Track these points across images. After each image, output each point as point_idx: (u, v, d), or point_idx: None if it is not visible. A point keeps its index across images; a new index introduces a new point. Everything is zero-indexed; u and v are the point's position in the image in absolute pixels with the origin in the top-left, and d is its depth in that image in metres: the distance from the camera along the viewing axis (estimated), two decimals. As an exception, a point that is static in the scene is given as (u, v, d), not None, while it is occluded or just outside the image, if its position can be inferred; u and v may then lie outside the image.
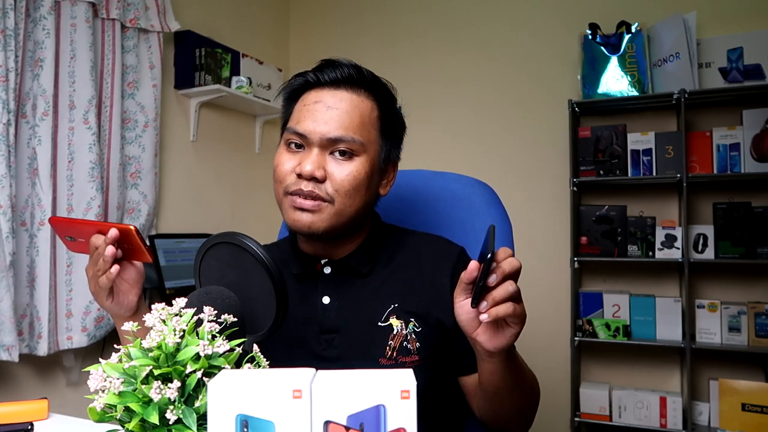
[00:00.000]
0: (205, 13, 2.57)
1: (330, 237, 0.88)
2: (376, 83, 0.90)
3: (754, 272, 2.26)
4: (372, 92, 0.89)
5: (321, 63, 0.90)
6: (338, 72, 0.87)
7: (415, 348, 0.87)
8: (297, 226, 0.85)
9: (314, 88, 0.89)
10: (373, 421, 0.45)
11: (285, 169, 0.86)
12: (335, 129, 0.84)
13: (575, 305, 2.37)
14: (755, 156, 2.15)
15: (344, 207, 0.85)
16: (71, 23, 1.89)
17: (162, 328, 0.52)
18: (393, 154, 0.94)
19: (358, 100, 0.87)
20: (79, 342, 1.89)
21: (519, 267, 0.68)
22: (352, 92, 0.87)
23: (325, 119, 0.84)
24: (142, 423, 0.49)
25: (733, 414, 2.02)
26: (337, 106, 0.85)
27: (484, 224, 1.07)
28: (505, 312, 0.67)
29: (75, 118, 1.90)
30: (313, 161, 0.83)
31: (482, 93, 2.75)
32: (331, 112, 0.85)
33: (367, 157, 0.86)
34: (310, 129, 0.85)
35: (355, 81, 0.88)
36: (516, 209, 1.38)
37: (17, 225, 1.74)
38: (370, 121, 0.88)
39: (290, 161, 0.86)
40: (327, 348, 0.89)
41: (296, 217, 0.85)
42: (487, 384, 0.81)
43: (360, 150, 0.86)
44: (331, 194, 0.84)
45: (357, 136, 0.85)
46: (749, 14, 2.30)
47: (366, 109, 0.87)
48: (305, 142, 0.85)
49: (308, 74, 0.90)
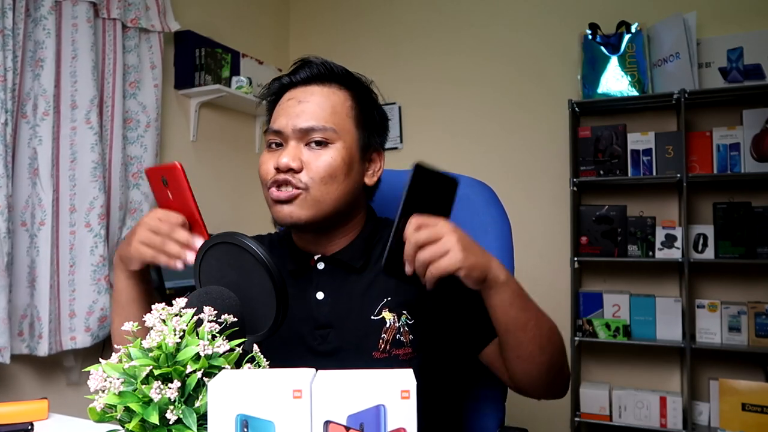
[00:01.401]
0: (205, 13, 2.57)
1: (316, 227, 0.89)
2: (348, 77, 0.93)
3: (754, 272, 2.26)
4: (344, 85, 0.92)
5: (295, 64, 0.94)
6: (309, 70, 0.91)
7: (408, 340, 0.88)
8: (279, 218, 0.88)
9: (289, 89, 0.92)
10: (373, 421, 0.45)
11: (266, 167, 0.89)
12: (306, 120, 0.87)
13: (575, 305, 2.37)
14: (755, 156, 2.15)
15: (322, 194, 0.86)
16: (72, 23, 1.90)
17: (162, 328, 0.52)
18: (374, 142, 0.95)
19: (330, 92, 0.90)
20: (82, 342, 1.89)
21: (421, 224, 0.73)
22: (324, 86, 0.91)
23: (296, 112, 0.88)
24: (142, 423, 0.49)
25: (733, 414, 2.02)
26: (308, 99, 0.89)
27: (484, 224, 1.08)
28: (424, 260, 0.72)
29: (77, 117, 1.90)
30: (288, 153, 0.86)
31: (482, 93, 2.75)
32: (302, 105, 0.88)
33: (342, 144, 0.88)
34: (284, 124, 0.88)
35: (326, 77, 0.91)
36: (516, 209, 1.38)
37: (16, 225, 1.75)
38: (343, 110, 0.90)
39: (270, 159, 0.89)
40: (322, 343, 0.89)
41: (277, 210, 0.87)
42: (498, 324, 0.80)
43: (334, 138, 0.87)
44: (306, 182, 0.86)
45: (329, 124, 0.87)
46: (749, 14, 2.30)
47: (338, 99, 0.90)
48: (281, 138, 0.89)
49: (283, 77, 0.94)
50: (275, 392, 0.45)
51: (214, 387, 0.46)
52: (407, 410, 0.46)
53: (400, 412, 0.46)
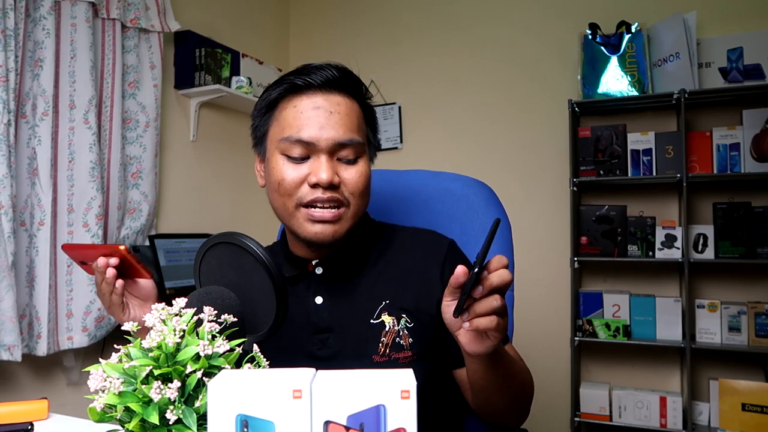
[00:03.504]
0: (205, 13, 2.57)
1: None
2: (358, 84, 0.90)
3: (754, 272, 2.26)
4: (353, 92, 0.89)
5: (303, 67, 0.88)
6: (328, 73, 0.86)
7: (408, 344, 0.87)
8: (319, 238, 0.85)
9: (301, 93, 0.86)
10: (374, 421, 0.45)
11: (294, 181, 0.84)
12: (344, 133, 0.84)
13: (575, 305, 2.37)
14: (755, 156, 2.15)
15: (358, 209, 0.88)
16: (71, 23, 1.90)
17: (162, 328, 0.52)
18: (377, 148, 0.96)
19: (351, 102, 0.88)
20: (79, 342, 1.89)
21: (509, 281, 0.66)
22: (343, 95, 0.87)
23: (331, 124, 0.83)
24: (142, 423, 0.49)
25: (733, 414, 2.02)
26: (337, 110, 0.85)
27: (484, 224, 1.07)
28: (486, 326, 0.66)
29: (75, 118, 1.90)
30: (328, 168, 0.82)
31: (482, 93, 2.75)
32: (334, 116, 0.84)
33: (366, 156, 0.89)
34: (317, 135, 0.83)
35: (342, 83, 0.87)
36: (516, 209, 1.38)
37: (17, 225, 1.74)
38: (362, 121, 0.89)
39: (296, 171, 0.84)
40: (321, 348, 0.89)
41: (317, 230, 0.84)
42: (472, 381, 0.83)
43: (362, 152, 0.87)
44: (347, 197, 0.85)
45: (360, 138, 0.87)
46: (749, 14, 2.30)
47: (357, 109, 0.89)
48: (310, 149, 0.84)
49: (295, 79, 0.86)
50: (275, 392, 0.45)
51: (214, 387, 0.46)
52: (407, 410, 0.45)
53: (400, 412, 0.45)
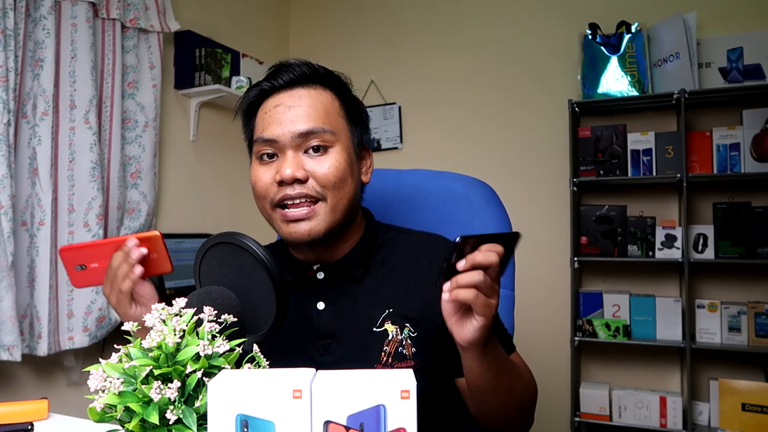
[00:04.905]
0: (205, 13, 2.57)
1: (329, 237, 0.86)
2: (329, 76, 0.89)
3: (754, 272, 2.26)
4: (327, 84, 0.88)
5: (272, 69, 0.89)
6: (291, 73, 0.86)
7: (411, 353, 0.85)
8: (295, 237, 0.84)
9: (271, 95, 0.87)
10: (374, 421, 0.45)
11: (265, 182, 0.84)
12: (304, 123, 0.83)
13: (575, 305, 2.37)
14: (755, 156, 2.15)
15: (337, 201, 0.84)
16: (71, 23, 1.90)
17: (162, 328, 0.52)
18: (365, 138, 0.93)
19: (316, 94, 0.86)
20: (80, 342, 1.89)
21: (494, 262, 0.66)
22: (309, 88, 0.86)
23: (290, 118, 0.83)
24: (142, 423, 0.49)
25: (733, 414, 2.02)
26: (297, 103, 0.84)
27: (484, 223, 1.08)
28: (465, 297, 0.66)
29: (76, 117, 1.90)
30: (291, 163, 0.82)
31: (482, 93, 2.75)
32: (294, 110, 0.84)
33: (341, 146, 0.85)
34: (278, 132, 0.83)
35: (309, 78, 0.87)
36: (516, 209, 1.38)
37: (17, 225, 1.74)
38: (334, 110, 0.87)
39: (267, 173, 0.84)
40: (324, 354, 0.88)
41: (292, 230, 0.83)
42: (469, 381, 0.80)
43: (333, 140, 0.85)
44: (320, 191, 0.83)
45: (327, 126, 0.84)
46: (749, 14, 2.30)
47: (326, 99, 0.87)
48: (276, 147, 0.84)
49: (262, 83, 0.88)
50: (275, 392, 0.45)
51: (214, 387, 0.46)
52: (407, 410, 0.45)
53: (400, 412, 0.45)
